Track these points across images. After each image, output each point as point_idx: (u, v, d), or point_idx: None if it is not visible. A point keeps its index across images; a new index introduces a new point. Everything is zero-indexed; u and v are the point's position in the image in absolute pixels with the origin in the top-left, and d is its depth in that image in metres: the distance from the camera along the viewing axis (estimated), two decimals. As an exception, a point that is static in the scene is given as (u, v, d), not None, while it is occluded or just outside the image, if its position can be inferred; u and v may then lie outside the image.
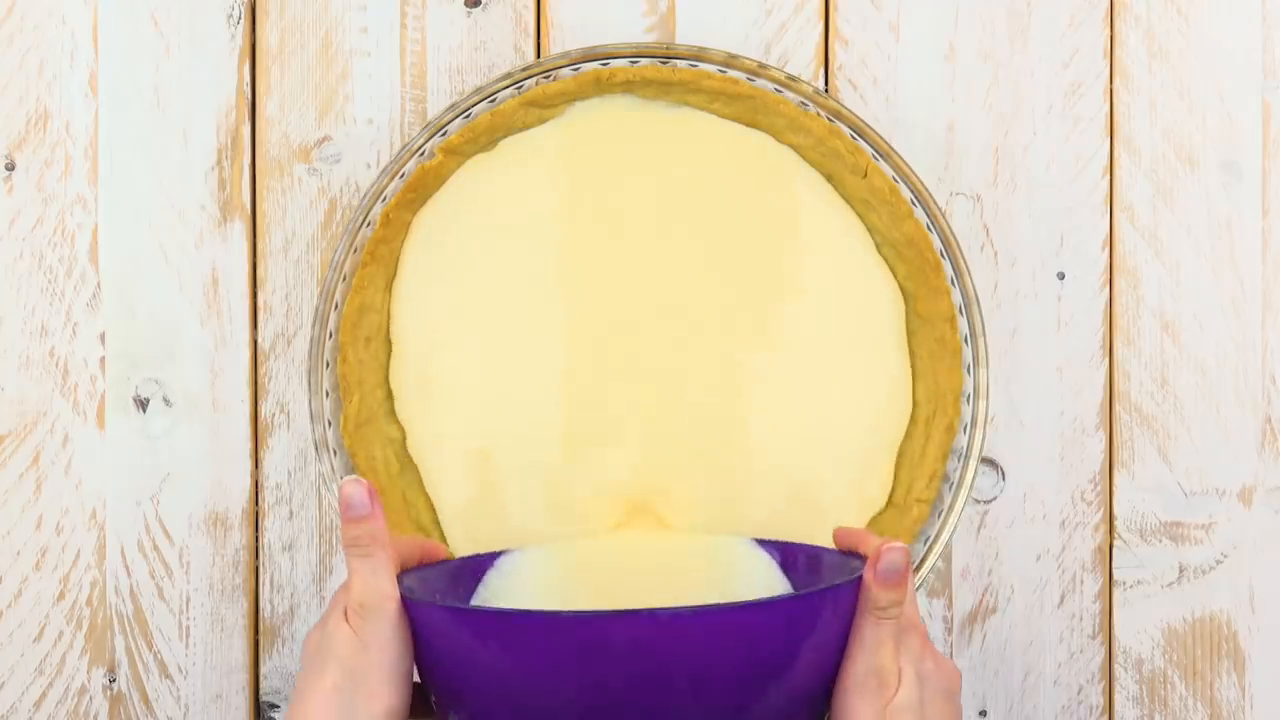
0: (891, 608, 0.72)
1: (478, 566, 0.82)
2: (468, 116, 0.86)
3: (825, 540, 0.81)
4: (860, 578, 0.73)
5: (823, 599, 0.72)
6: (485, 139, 0.87)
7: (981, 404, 0.86)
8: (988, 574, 0.90)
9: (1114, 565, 0.91)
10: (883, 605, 0.72)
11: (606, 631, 0.68)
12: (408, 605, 0.72)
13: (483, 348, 0.87)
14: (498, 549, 0.83)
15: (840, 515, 0.87)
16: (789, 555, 0.81)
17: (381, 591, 0.72)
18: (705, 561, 0.82)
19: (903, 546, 0.72)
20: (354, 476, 0.74)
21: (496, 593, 0.81)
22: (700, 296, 0.87)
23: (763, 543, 0.82)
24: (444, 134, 0.86)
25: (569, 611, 0.70)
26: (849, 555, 0.77)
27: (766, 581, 0.81)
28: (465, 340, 0.87)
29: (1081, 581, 0.91)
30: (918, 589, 0.86)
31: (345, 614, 0.72)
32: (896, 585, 0.72)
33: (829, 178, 0.88)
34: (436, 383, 0.87)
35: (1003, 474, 0.90)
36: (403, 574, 0.74)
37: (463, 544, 0.86)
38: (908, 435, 0.88)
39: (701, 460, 0.87)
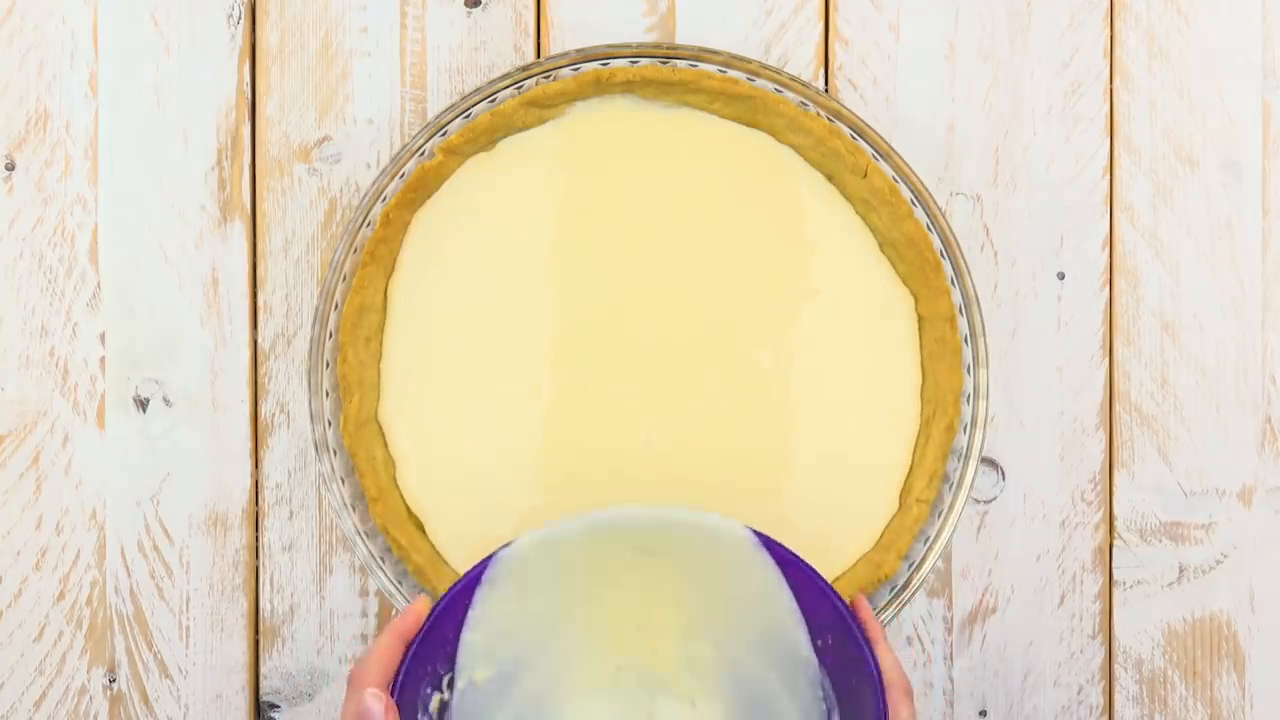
0: None
1: (446, 636, 0.80)
2: (468, 116, 0.86)
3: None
4: None
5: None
6: (485, 139, 0.87)
7: (981, 404, 0.86)
8: (988, 574, 0.90)
9: (1114, 565, 0.91)
10: None
11: None
12: None
13: (479, 348, 0.87)
14: (486, 548, 0.84)
15: (860, 518, 0.87)
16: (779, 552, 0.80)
17: None
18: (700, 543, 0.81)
19: None
20: (375, 691, 0.74)
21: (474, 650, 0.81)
22: (707, 297, 0.87)
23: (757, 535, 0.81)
24: (444, 134, 0.86)
25: None
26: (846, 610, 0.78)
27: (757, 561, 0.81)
28: (462, 340, 0.87)
29: (1081, 581, 0.91)
30: (918, 589, 0.86)
31: None
32: None
33: (829, 178, 0.88)
34: (429, 382, 0.87)
35: (1003, 474, 0.90)
36: (394, 691, 0.76)
37: (448, 543, 0.86)
38: (908, 435, 0.88)
39: (714, 466, 0.87)
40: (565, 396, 0.87)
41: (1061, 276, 0.90)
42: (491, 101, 0.86)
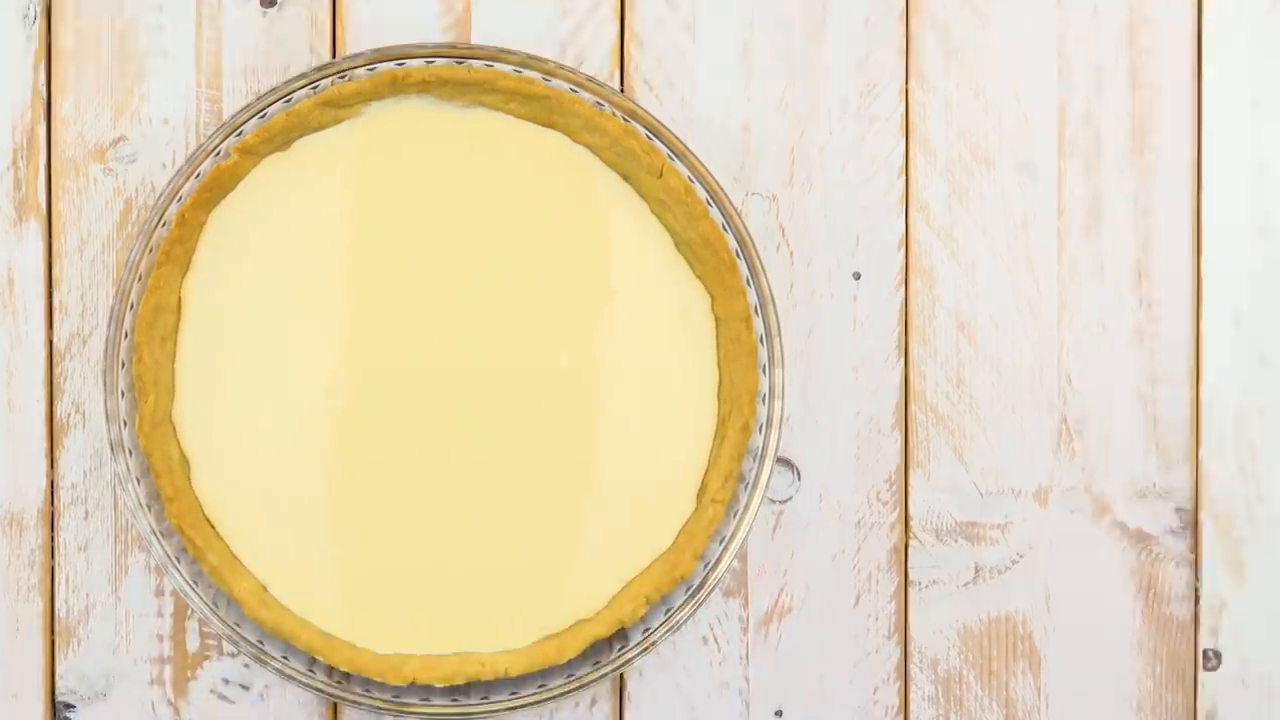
0: None
1: None
2: (263, 116, 0.86)
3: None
4: None
5: None
6: (280, 139, 0.87)
7: (777, 404, 0.86)
8: (784, 574, 0.90)
9: (909, 565, 0.91)
10: None
11: None
12: None
13: (274, 349, 0.87)
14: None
15: (657, 518, 0.87)
16: None
17: None
18: None
19: None
20: None
21: None
22: (503, 298, 0.87)
23: None
24: (239, 134, 0.86)
25: None
26: None
27: None
28: (257, 341, 0.87)
29: (877, 581, 0.91)
30: (714, 589, 0.86)
31: None
32: None
33: (625, 178, 0.88)
34: (224, 382, 0.87)
35: (798, 474, 0.90)
36: None
37: (243, 543, 0.86)
38: (703, 435, 0.88)
39: (512, 466, 0.87)
40: (359, 398, 0.87)
41: (857, 276, 0.90)
42: (287, 101, 0.86)
